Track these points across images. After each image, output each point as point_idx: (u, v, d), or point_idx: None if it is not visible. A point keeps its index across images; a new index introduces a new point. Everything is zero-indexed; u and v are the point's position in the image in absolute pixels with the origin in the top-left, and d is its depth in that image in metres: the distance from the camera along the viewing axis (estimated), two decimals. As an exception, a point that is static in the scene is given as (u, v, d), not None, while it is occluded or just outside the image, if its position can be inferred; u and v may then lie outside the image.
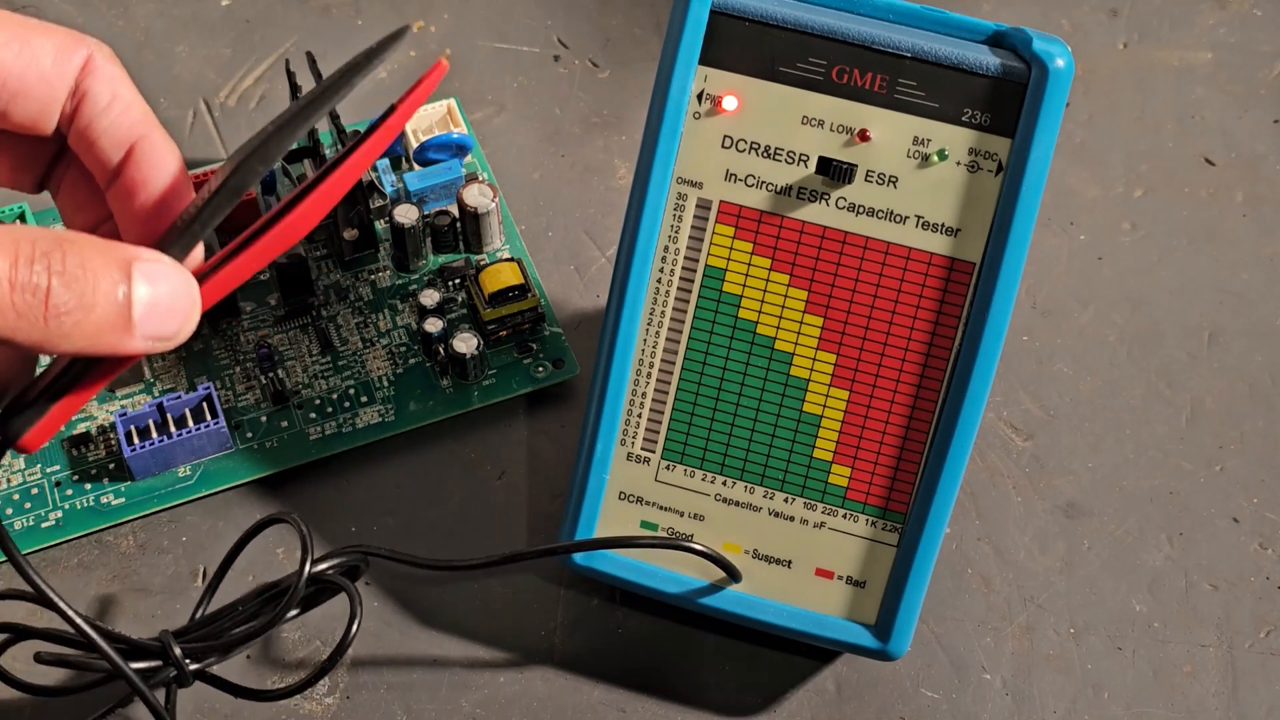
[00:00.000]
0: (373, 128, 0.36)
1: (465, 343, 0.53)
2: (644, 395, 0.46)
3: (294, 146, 0.59)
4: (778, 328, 0.45)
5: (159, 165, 0.37)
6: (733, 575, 0.47)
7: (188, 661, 0.45)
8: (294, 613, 0.46)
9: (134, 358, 0.34)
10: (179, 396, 0.52)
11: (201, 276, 0.35)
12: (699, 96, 0.44)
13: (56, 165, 0.40)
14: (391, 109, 0.35)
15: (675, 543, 0.46)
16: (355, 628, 0.45)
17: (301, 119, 0.35)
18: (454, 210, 0.57)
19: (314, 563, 0.46)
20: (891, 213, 0.44)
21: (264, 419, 0.53)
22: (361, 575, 0.48)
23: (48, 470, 0.52)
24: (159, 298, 0.33)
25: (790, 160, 0.44)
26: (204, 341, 0.55)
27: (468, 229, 0.56)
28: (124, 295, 0.33)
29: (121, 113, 0.37)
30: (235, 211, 0.56)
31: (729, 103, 0.44)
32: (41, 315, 0.32)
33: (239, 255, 0.35)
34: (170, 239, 0.35)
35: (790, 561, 0.47)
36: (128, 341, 0.33)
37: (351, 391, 0.54)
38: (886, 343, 0.45)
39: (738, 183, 0.45)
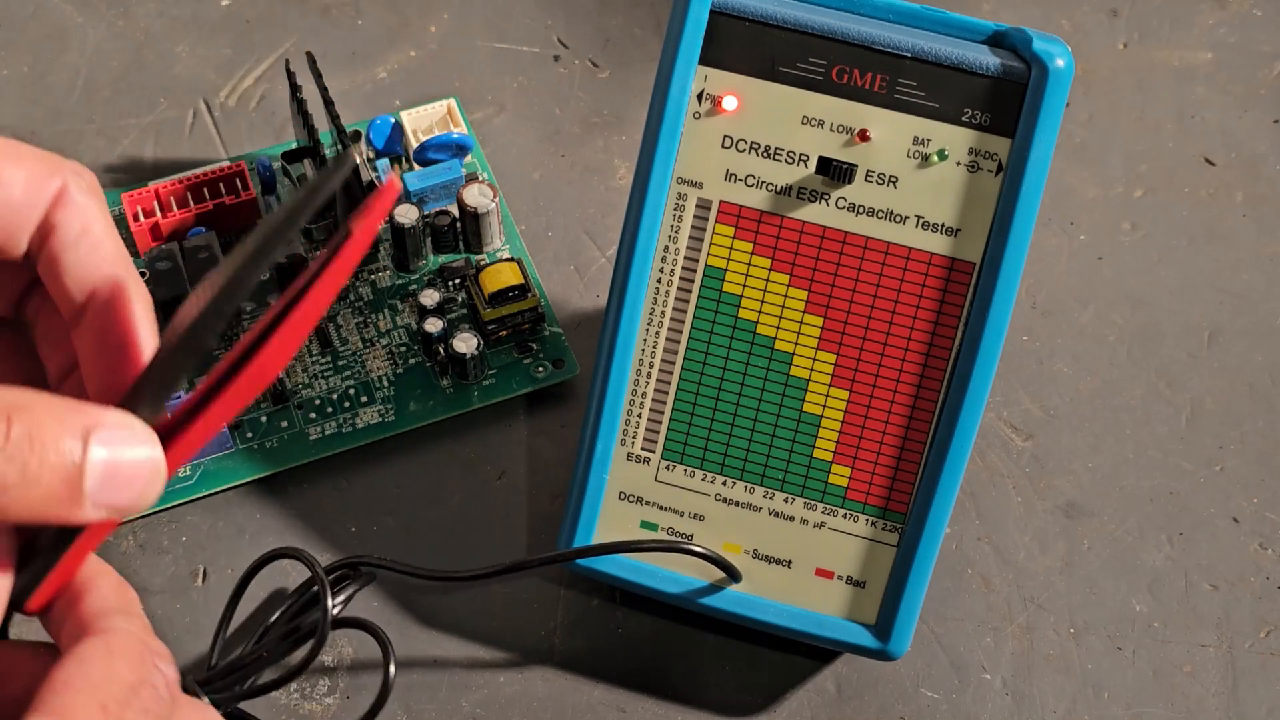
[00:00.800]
0: (328, 258, 0.32)
1: (465, 343, 0.53)
2: (644, 395, 0.46)
3: (293, 145, 0.59)
4: (778, 328, 0.45)
5: (123, 311, 0.34)
6: (733, 576, 0.47)
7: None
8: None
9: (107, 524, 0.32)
10: (179, 396, 0.52)
11: (167, 433, 0.32)
12: (699, 96, 0.44)
13: (33, 294, 0.37)
14: (347, 234, 0.32)
15: (675, 545, 0.46)
16: (392, 671, 0.45)
17: (251, 266, 0.32)
18: (454, 210, 0.57)
19: (332, 599, 0.46)
20: (891, 213, 0.44)
21: (264, 419, 0.53)
22: (363, 587, 0.49)
23: (48, 470, 0.52)
24: (117, 468, 0.31)
25: (790, 160, 0.44)
26: (204, 341, 0.55)
27: (468, 229, 0.56)
28: (74, 467, 0.30)
29: (90, 250, 0.34)
30: (237, 214, 0.56)
31: (729, 103, 0.44)
32: None
33: (207, 409, 0.32)
34: (139, 395, 0.32)
35: (790, 561, 0.47)
36: (77, 514, 0.30)
37: (351, 391, 0.54)
38: (886, 343, 0.45)
39: (738, 183, 0.45)
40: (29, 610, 0.33)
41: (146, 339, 0.34)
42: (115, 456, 0.31)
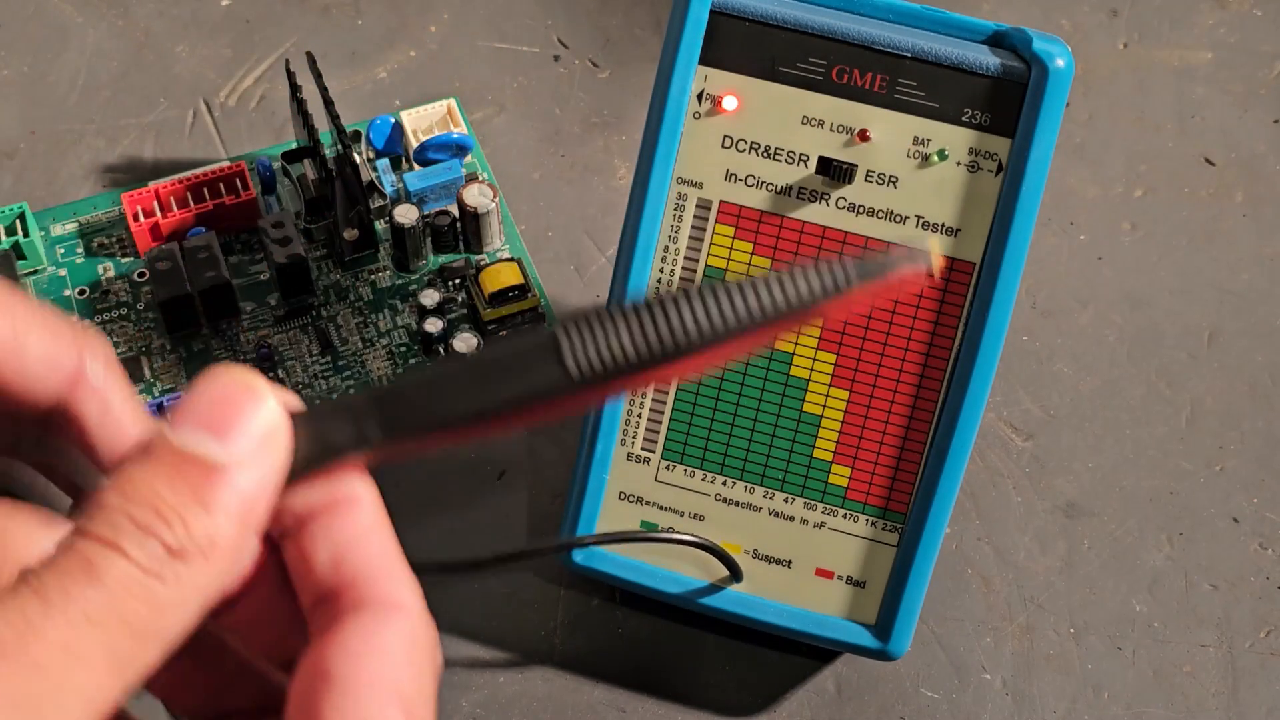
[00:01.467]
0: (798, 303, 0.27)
1: (465, 343, 0.53)
2: (644, 395, 0.46)
3: (293, 145, 0.59)
4: (778, 328, 0.45)
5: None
6: (734, 571, 0.46)
7: None
8: None
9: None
10: (179, 396, 0.52)
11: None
12: (699, 96, 0.44)
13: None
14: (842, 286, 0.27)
15: (678, 538, 0.46)
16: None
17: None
18: (454, 210, 0.57)
19: None
20: (892, 213, 0.44)
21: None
22: None
23: (48, 470, 0.52)
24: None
25: (790, 160, 0.44)
26: (204, 341, 0.55)
27: (468, 229, 0.56)
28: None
29: (114, 428, 0.31)
30: (237, 214, 0.56)
31: (729, 103, 0.44)
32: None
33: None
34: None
35: (790, 561, 0.47)
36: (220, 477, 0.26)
37: (351, 392, 0.54)
38: (886, 343, 0.45)
39: (738, 183, 0.45)
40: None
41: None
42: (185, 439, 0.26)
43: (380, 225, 0.57)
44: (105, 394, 0.32)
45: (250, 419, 0.26)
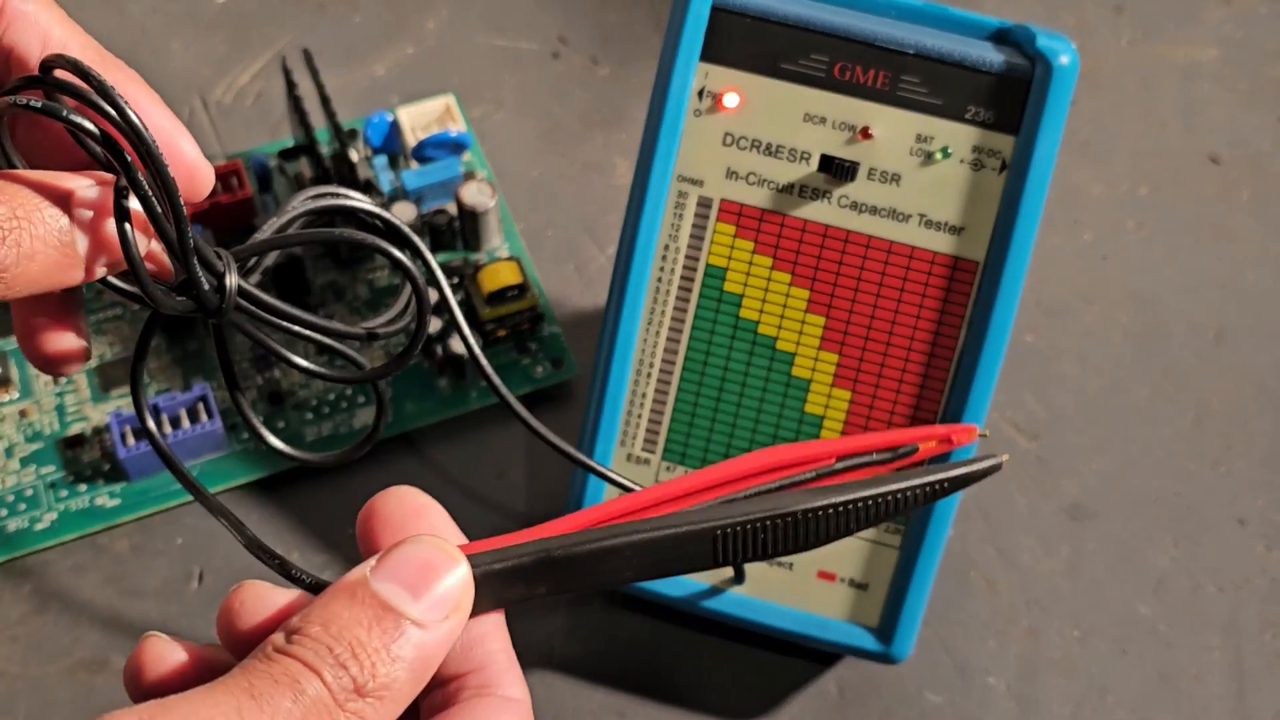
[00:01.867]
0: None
1: (463, 344, 0.53)
2: (644, 395, 0.46)
3: (290, 143, 0.58)
4: (779, 327, 0.45)
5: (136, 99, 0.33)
6: (737, 571, 0.46)
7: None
8: None
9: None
10: (174, 397, 0.51)
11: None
12: (700, 93, 0.44)
13: None
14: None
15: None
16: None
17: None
18: (452, 209, 0.56)
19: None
20: (894, 211, 0.44)
21: (260, 420, 0.53)
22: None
23: (42, 472, 0.52)
24: (105, 229, 0.30)
25: (792, 158, 0.44)
26: (199, 342, 0.54)
27: (466, 227, 0.56)
28: (62, 234, 0.30)
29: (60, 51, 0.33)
30: (233, 212, 0.56)
31: (730, 100, 0.44)
32: None
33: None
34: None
35: (792, 564, 0.46)
36: (77, 275, 0.30)
37: (348, 392, 0.54)
38: (889, 342, 0.45)
39: (739, 181, 0.44)
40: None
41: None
42: (100, 219, 0.30)
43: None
44: (39, 22, 0.33)
45: (444, 586, 0.31)
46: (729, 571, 0.46)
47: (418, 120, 0.57)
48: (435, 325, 0.53)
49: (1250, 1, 0.66)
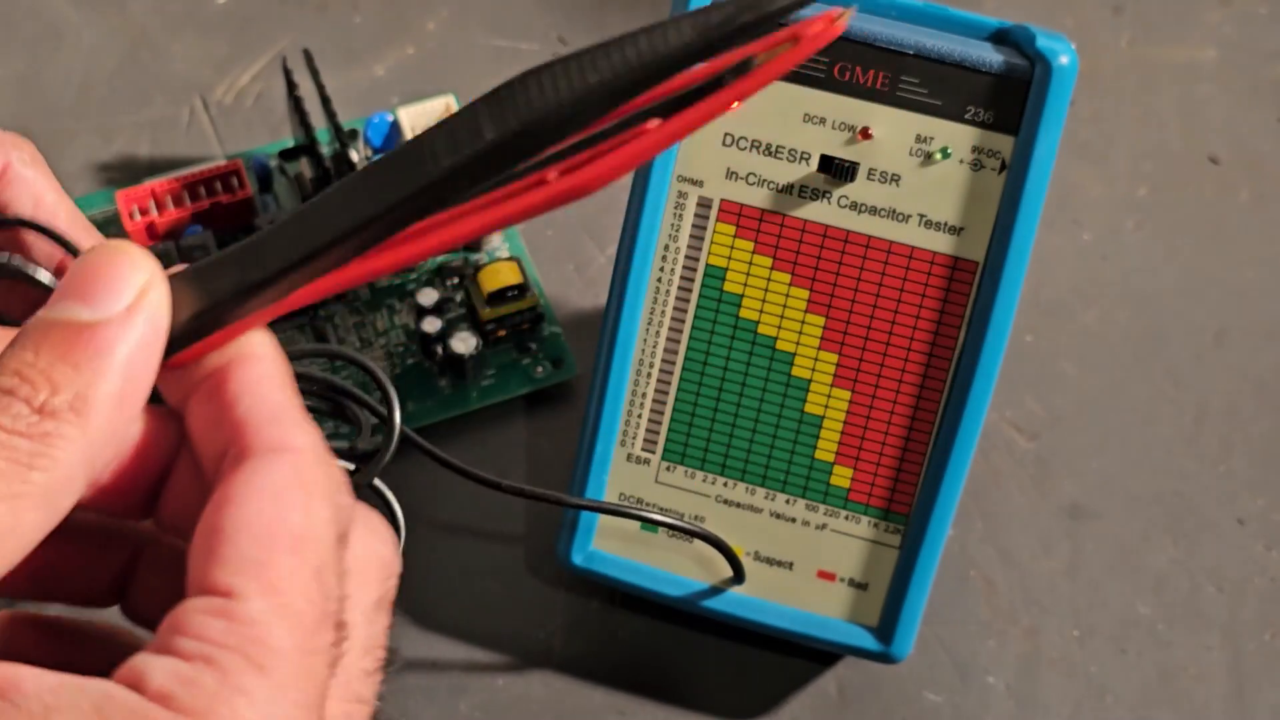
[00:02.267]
0: (713, 83, 0.24)
1: (464, 342, 0.53)
2: (644, 395, 0.46)
3: (290, 143, 0.58)
4: (779, 327, 0.45)
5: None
6: (736, 569, 0.46)
7: None
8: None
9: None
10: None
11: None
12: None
13: None
14: (748, 64, 0.24)
15: (686, 526, 0.46)
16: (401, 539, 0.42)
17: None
18: (452, 209, 0.56)
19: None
20: (894, 211, 0.44)
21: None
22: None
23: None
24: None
25: (792, 158, 0.44)
26: (200, 341, 0.54)
27: (466, 228, 0.56)
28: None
29: (47, 221, 0.33)
30: (234, 212, 0.56)
31: (730, 100, 0.44)
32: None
33: (467, 210, 0.25)
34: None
35: (792, 563, 0.46)
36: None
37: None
38: (889, 343, 0.45)
39: (739, 181, 0.44)
40: (170, 365, 0.27)
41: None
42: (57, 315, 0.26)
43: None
44: (35, 187, 0.33)
45: (121, 281, 0.26)
46: (729, 571, 0.46)
47: (418, 120, 0.57)
48: (435, 325, 0.53)
49: (1250, 2, 0.66)
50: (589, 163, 0.25)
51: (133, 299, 0.26)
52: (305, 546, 0.25)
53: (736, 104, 0.25)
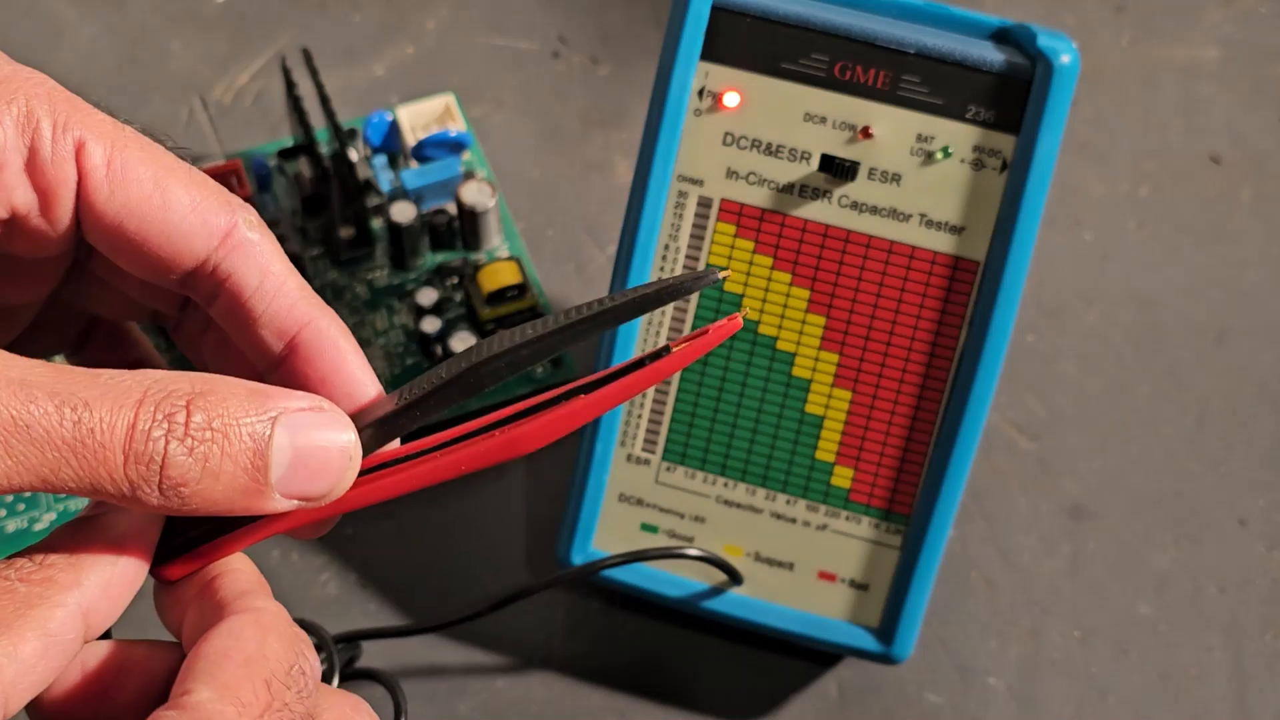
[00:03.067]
0: (634, 365, 0.30)
1: (463, 342, 0.53)
2: (644, 396, 0.46)
3: (289, 143, 0.58)
4: (780, 327, 0.45)
5: (335, 356, 0.32)
6: (734, 578, 0.46)
7: None
8: None
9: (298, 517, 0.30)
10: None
11: (384, 464, 0.31)
12: (700, 93, 0.44)
13: (186, 313, 0.34)
14: (665, 351, 0.30)
15: (674, 552, 0.46)
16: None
17: (567, 334, 0.30)
18: (452, 208, 0.56)
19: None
20: (895, 211, 0.44)
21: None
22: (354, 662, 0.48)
23: (41, 472, 0.52)
24: (306, 454, 0.29)
25: (792, 158, 0.44)
26: (199, 341, 0.54)
27: (466, 227, 0.56)
28: (259, 455, 0.28)
29: (276, 295, 0.32)
30: None
31: (730, 99, 0.44)
32: (156, 486, 0.28)
33: (433, 457, 0.31)
34: (371, 417, 0.31)
35: (792, 564, 0.46)
36: (264, 505, 0.29)
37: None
38: (890, 342, 0.45)
39: (739, 180, 0.44)
40: (165, 577, 0.31)
41: (365, 380, 0.32)
42: (304, 442, 0.29)
43: (377, 223, 0.56)
44: (262, 257, 0.32)
45: (333, 481, 0.30)
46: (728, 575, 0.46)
47: (417, 120, 0.57)
48: (434, 325, 0.53)
49: (1251, 1, 0.65)
50: (529, 422, 0.30)
51: (325, 494, 0.30)
52: (255, 662, 0.28)
53: (653, 383, 0.30)
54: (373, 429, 0.31)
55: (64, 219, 0.31)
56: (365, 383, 0.32)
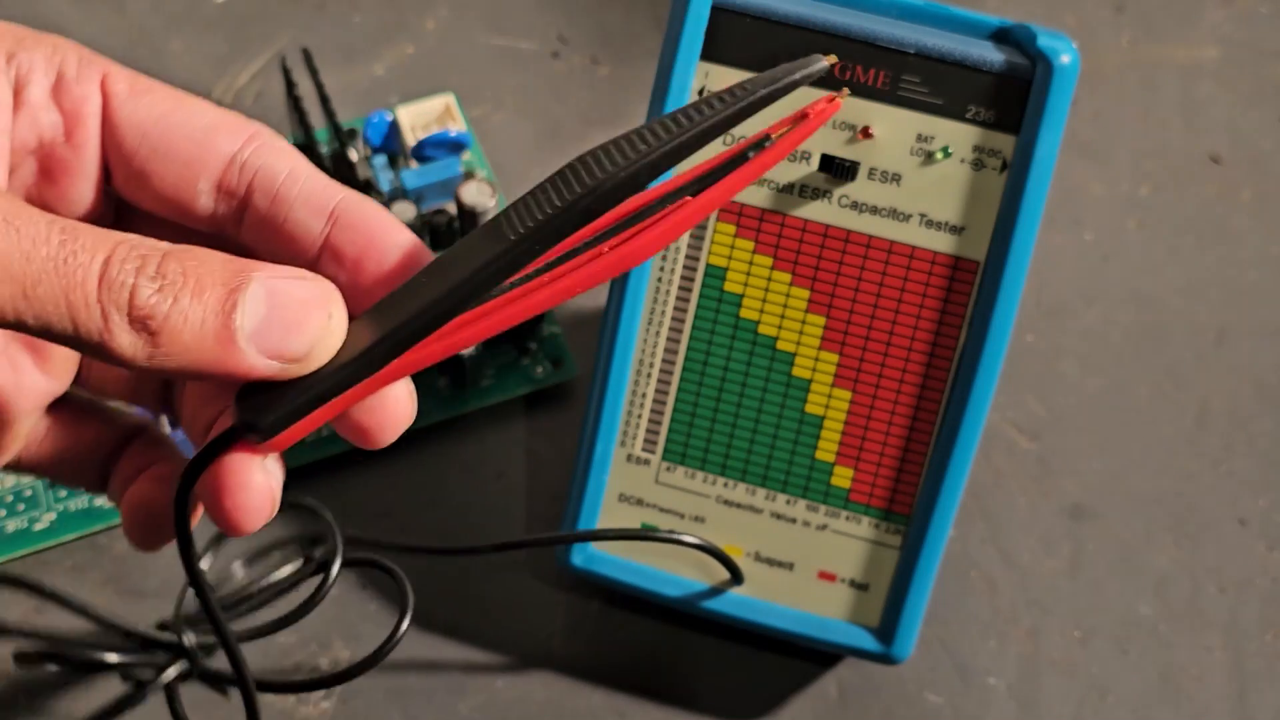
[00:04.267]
0: (737, 158, 0.29)
1: (463, 342, 0.53)
2: (644, 396, 0.46)
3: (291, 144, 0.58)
4: (779, 327, 0.45)
5: (379, 225, 0.32)
6: (733, 571, 0.46)
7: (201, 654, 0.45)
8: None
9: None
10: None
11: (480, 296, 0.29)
12: (700, 93, 0.44)
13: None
14: (765, 141, 0.28)
15: (680, 539, 0.46)
16: (406, 623, 0.44)
17: (690, 142, 0.28)
18: (452, 208, 0.56)
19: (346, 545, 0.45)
20: (895, 211, 0.44)
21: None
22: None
23: (41, 471, 0.52)
24: (280, 309, 0.28)
25: (792, 158, 0.44)
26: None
27: (466, 227, 0.56)
28: (227, 304, 0.28)
29: (308, 179, 0.32)
30: None
31: (730, 99, 0.44)
32: (126, 321, 0.27)
33: (537, 284, 0.29)
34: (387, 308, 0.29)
35: (792, 564, 0.46)
36: (238, 360, 0.28)
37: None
38: (890, 342, 0.45)
39: (739, 180, 0.44)
40: (275, 449, 0.30)
41: (416, 252, 0.32)
42: (279, 292, 0.28)
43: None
44: (287, 153, 0.33)
45: (309, 337, 0.29)
46: (728, 573, 0.46)
47: (417, 120, 0.57)
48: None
49: (1251, 1, 0.65)
50: (637, 236, 0.28)
51: (304, 353, 0.29)
52: None
53: (758, 176, 0.29)
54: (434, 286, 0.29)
55: (90, 144, 0.32)
56: (414, 244, 0.32)
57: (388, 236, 0.32)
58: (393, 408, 0.31)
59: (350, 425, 0.31)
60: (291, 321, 0.29)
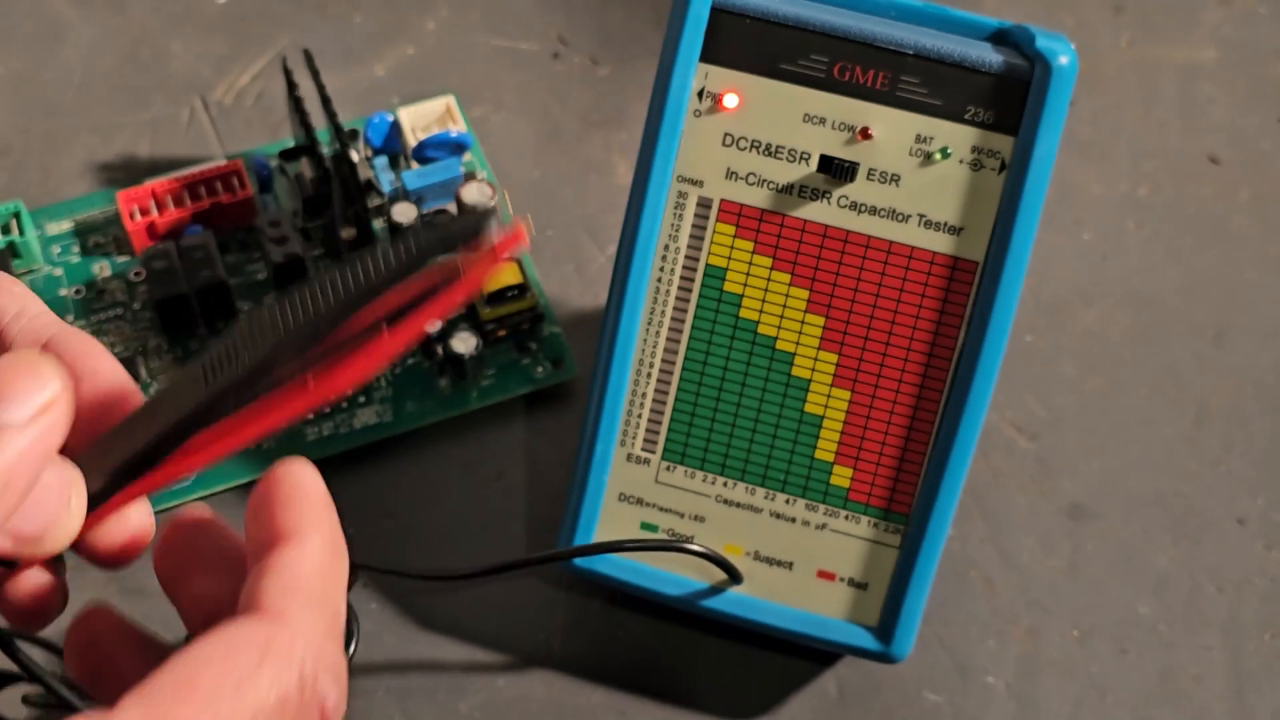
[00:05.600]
0: (429, 292, 0.30)
1: (464, 342, 0.53)
2: (644, 395, 0.46)
3: (290, 143, 0.58)
4: (779, 327, 0.45)
5: (87, 354, 0.33)
6: (733, 575, 0.46)
7: None
8: None
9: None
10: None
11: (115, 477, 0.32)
12: (699, 94, 0.44)
13: None
14: (455, 274, 0.30)
15: (676, 545, 0.46)
16: (354, 649, 0.45)
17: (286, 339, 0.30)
18: (452, 209, 0.56)
19: None
20: (894, 211, 0.44)
21: (260, 419, 0.53)
22: (351, 587, 0.48)
23: (42, 471, 0.52)
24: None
25: (792, 158, 0.44)
26: (200, 341, 0.54)
27: (466, 228, 0.56)
28: None
29: (34, 318, 0.34)
30: (234, 212, 0.56)
31: (730, 100, 0.44)
32: None
33: (237, 420, 0.31)
34: (105, 449, 0.31)
35: (792, 563, 0.46)
36: None
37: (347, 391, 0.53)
38: (889, 342, 0.45)
39: (739, 181, 0.44)
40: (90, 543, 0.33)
41: (120, 388, 0.34)
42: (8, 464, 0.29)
43: (378, 224, 0.57)
44: (18, 294, 0.34)
45: (27, 392, 0.30)
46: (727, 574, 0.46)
47: (418, 120, 0.57)
48: (435, 325, 0.53)
49: (1250, 2, 0.66)
50: (337, 367, 0.31)
51: (34, 412, 0.29)
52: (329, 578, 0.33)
53: (451, 307, 0.30)
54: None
55: None
56: (118, 371, 0.34)
57: (93, 362, 0.33)
58: (123, 528, 0.34)
59: (87, 551, 0.34)
60: (34, 504, 0.30)
